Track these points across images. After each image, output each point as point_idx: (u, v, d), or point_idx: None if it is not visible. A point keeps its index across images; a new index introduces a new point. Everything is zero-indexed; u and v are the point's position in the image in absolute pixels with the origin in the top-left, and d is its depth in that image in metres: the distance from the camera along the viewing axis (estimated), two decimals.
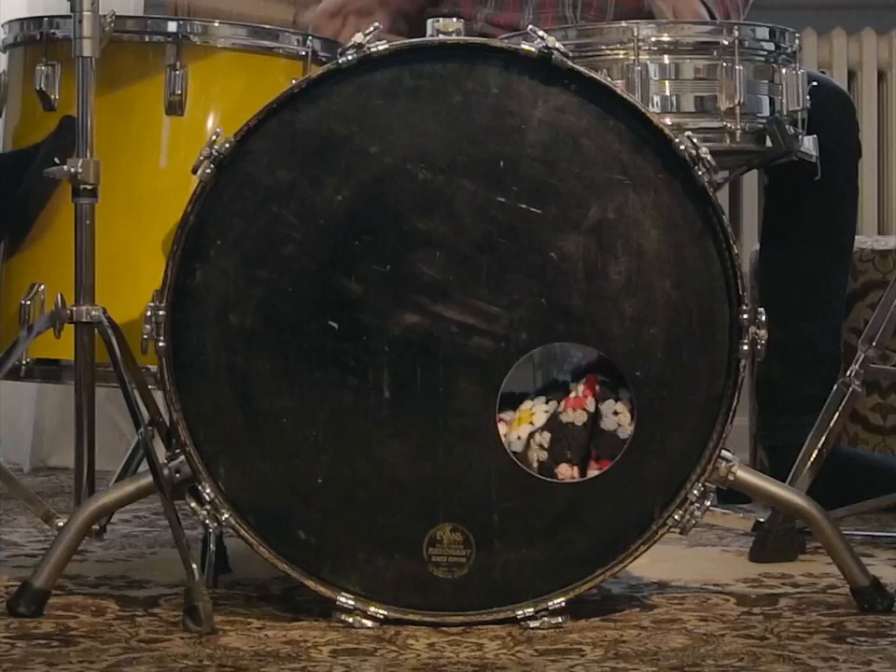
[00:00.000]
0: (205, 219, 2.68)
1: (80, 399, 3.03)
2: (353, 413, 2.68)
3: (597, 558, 2.69)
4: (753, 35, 3.09)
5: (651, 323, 2.71)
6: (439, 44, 2.72)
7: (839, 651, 2.47)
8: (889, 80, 4.58)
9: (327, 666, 2.38)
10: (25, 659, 2.40)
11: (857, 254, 3.82)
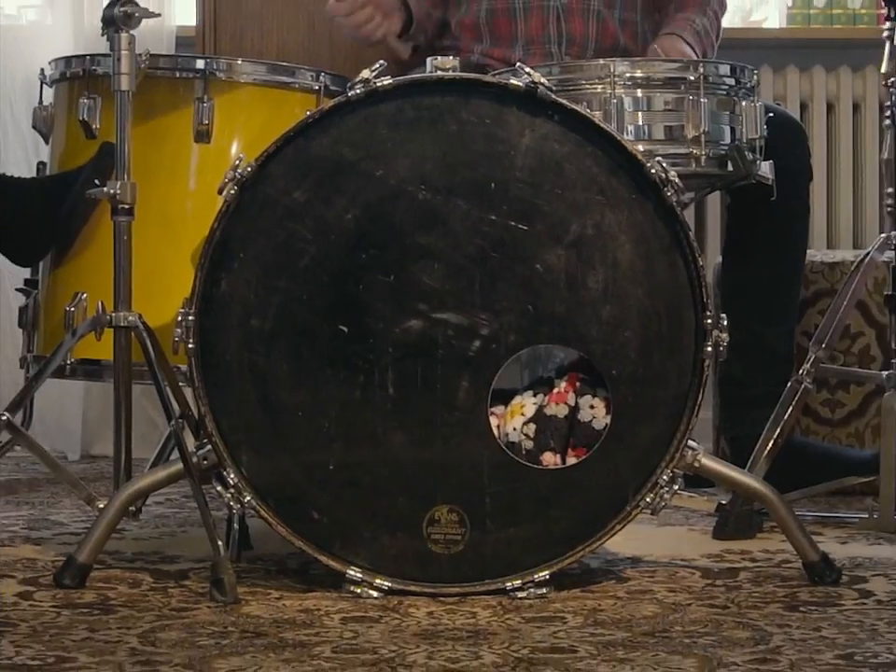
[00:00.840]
0: (230, 235, 2.68)
1: (119, 395, 3.03)
2: (360, 407, 2.68)
3: (578, 536, 2.69)
4: (716, 72, 3.08)
5: (625, 327, 2.71)
6: (437, 79, 2.71)
7: (792, 619, 2.48)
8: (837, 112, 4.58)
9: (337, 632, 2.39)
10: (69, 626, 2.41)
11: (808, 266, 3.81)
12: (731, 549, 3.06)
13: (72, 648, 2.27)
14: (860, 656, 2.22)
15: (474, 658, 2.22)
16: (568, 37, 3.64)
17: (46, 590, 2.67)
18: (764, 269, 3.59)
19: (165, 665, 2.16)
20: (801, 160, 3.57)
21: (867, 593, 2.66)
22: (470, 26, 3.69)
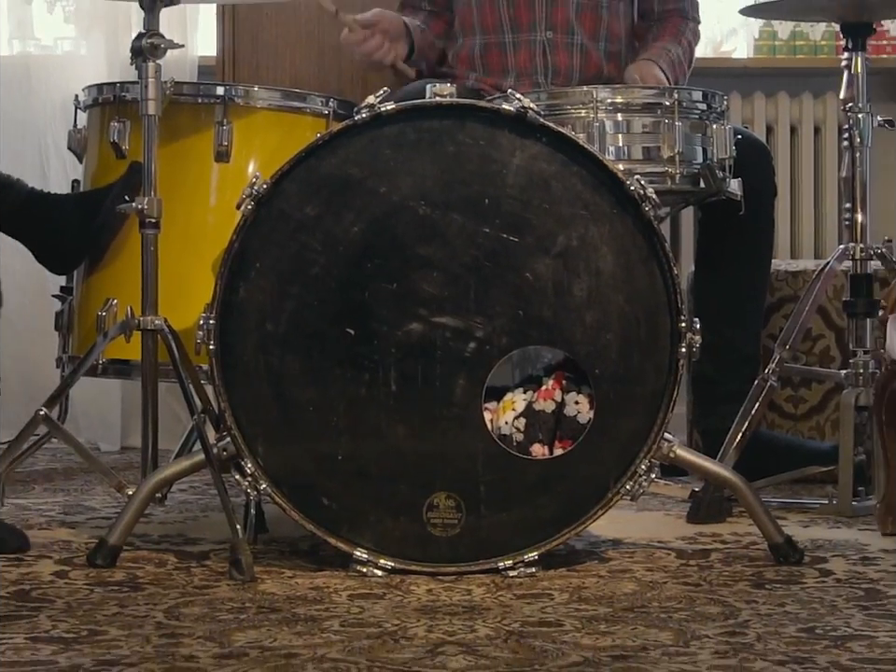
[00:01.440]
0: (247, 246, 2.68)
1: (146, 393, 3.03)
2: (366, 403, 2.68)
3: (564, 520, 2.69)
4: (689, 98, 3.08)
5: (607, 330, 2.71)
6: (435, 104, 2.71)
7: (759, 595, 2.48)
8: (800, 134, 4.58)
9: (345, 608, 2.39)
10: (102, 602, 2.42)
11: (773, 274, 3.81)
12: (703, 532, 3.05)
13: (103, 622, 2.27)
14: (820, 630, 2.23)
15: (469, 631, 2.22)
16: (554, 69, 3.64)
17: (80, 569, 2.67)
18: (733, 277, 3.58)
19: (188, 638, 2.17)
20: (766, 178, 3.56)
21: (827, 572, 2.66)
22: (466, 58, 3.69)
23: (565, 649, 2.12)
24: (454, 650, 2.11)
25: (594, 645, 2.14)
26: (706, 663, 2.03)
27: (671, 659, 2.05)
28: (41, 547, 2.85)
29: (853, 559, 2.78)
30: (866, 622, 2.28)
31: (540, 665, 2.02)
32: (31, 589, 2.51)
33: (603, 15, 3.71)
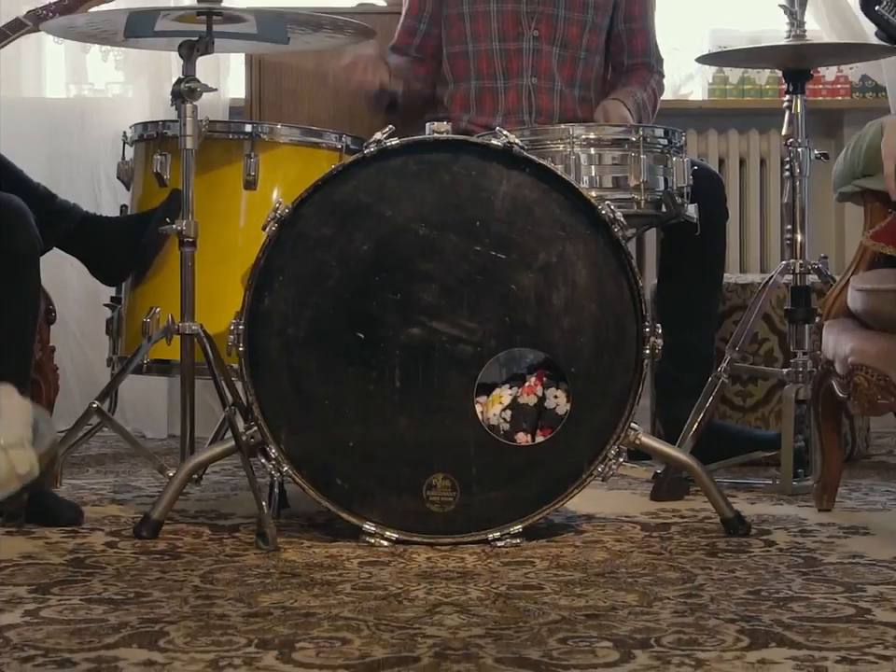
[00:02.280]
0: (271, 262, 2.67)
1: (184, 388, 3.03)
2: (374, 397, 2.68)
3: (544, 498, 2.69)
4: (653, 134, 3.08)
5: (581, 334, 2.71)
6: (434, 140, 2.71)
7: (712, 563, 2.48)
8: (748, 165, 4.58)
9: (356, 573, 2.40)
10: (146, 568, 2.42)
11: (725, 286, 3.81)
12: (664, 508, 3.05)
13: (147, 585, 2.28)
14: (765, 592, 2.23)
15: (463, 594, 2.23)
16: (537, 110, 3.64)
17: (127, 540, 2.67)
18: (690, 288, 3.58)
19: (221, 599, 2.17)
20: (719, 203, 3.56)
21: (771, 542, 2.66)
22: (461, 100, 3.68)
23: (545, 609, 2.12)
24: (449, 609, 2.12)
25: (570, 605, 2.14)
26: (666, 620, 2.04)
27: (636, 617, 2.06)
28: (94, 521, 2.85)
29: (793, 531, 2.78)
30: (805, 585, 2.29)
31: (524, 623, 2.03)
32: (85, 557, 2.51)
33: (579, 66, 3.70)
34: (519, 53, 3.67)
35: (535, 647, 1.89)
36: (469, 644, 1.90)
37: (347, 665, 1.80)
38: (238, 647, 1.89)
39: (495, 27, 3.67)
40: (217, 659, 1.83)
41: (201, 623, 2.02)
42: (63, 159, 4.31)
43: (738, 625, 2.01)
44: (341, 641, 1.92)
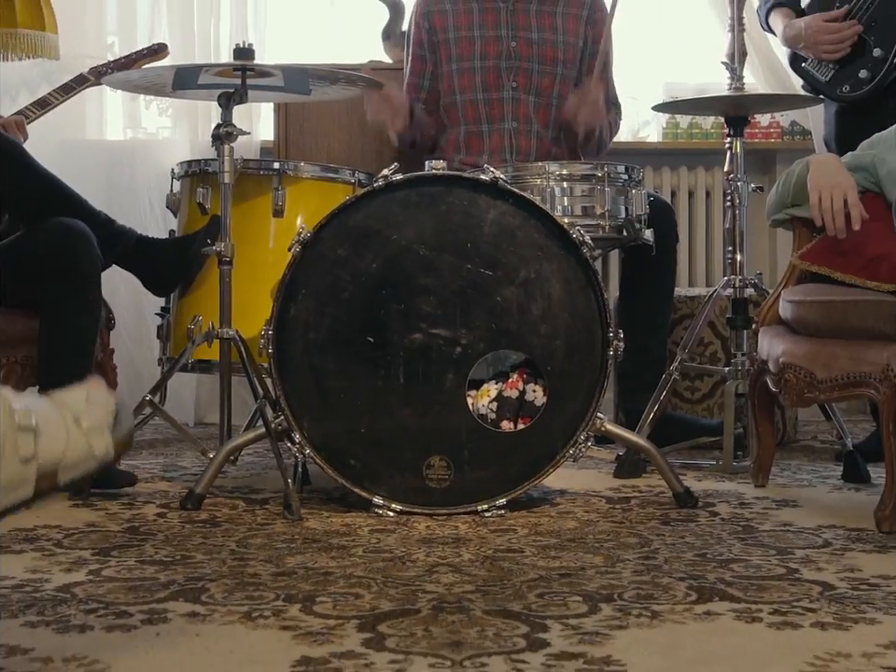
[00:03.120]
0: (296, 278, 2.68)
1: (223, 383, 3.02)
2: (382, 391, 2.68)
3: (525, 475, 2.69)
4: (615, 170, 3.07)
5: (556, 338, 2.71)
6: (432, 175, 2.72)
7: (665, 530, 2.49)
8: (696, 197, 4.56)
9: (366, 539, 2.41)
10: (190, 535, 2.43)
11: (676, 298, 3.81)
12: (625, 484, 3.05)
13: (191, 549, 2.29)
14: (710, 555, 2.24)
15: (456, 556, 2.24)
16: (517, 149, 3.64)
17: (174, 511, 2.67)
18: (647, 300, 3.57)
19: (253, 561, 2.18)
20: (670, 229, 3.56)
21: (715, 513, 2.67)
22: (453, 143, 3.68)
23: (525, 569, 2.13)
24: (445, 569, 2.13)
25: (546, 566, 2.15)
26: (626, 578, 2.06)
27: (602, 576, 2.07)
28: (146, 495, 2.86)
29: (734, 504, 2.78)
30: (743, 549, 2.30)
31: (508, 581, 2.03)
32: (139, 526, 2.52)
33: (552, 111, 3.70)
34: (501, 102, 3.67)
35: (517, 601, 1.90)
36: (461, 598, 1.91)
37: (359, 616, 1.81)
38: (268, 601, 1.90)
39: (479, 80, 3.67)
40: (251, 611, 1.84)
41: (236, 581, 2.03)
42: (120, 190, 4.30)
43: (687, 583, 2.02)
44: (354, 596, 1.93)
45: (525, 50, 3.67)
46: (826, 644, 1.67)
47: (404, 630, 1.73)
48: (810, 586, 2.01)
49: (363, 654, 1.62)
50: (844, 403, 3.25)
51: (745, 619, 1.81)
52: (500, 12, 3.67)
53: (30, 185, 2.92)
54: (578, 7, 3.71)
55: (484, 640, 1.68)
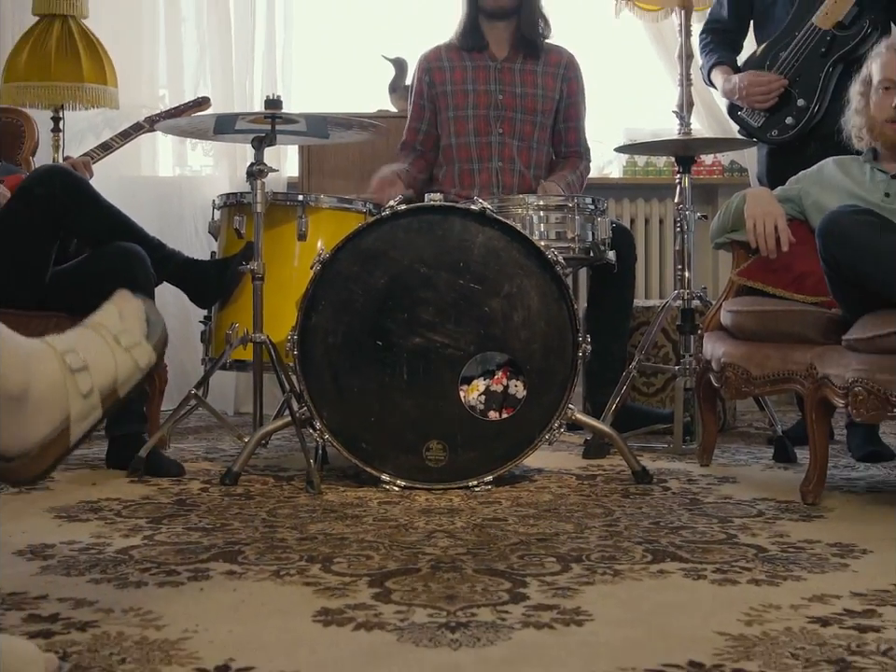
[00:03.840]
0: (316, 292, 2.68)
1: (256, 379, 3.04)
2: (388, 386, 2.67)
3: (508, 457, 2.68)
4: (584, 201, 3.07)
5: (534, 342, 2.71)
6: (431, 206, 2.71)
7: (625, 502, 2.49)
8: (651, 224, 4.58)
9: (375, 509, 2.41)
10: (228, 506, 2.43)
11: (634, 308, 3.79)
12: (592, 464, 3.04)
13: (229, 518, 2.29)
14: (663, 523, 2.24)
15: (451, 524, 2.24)
16: (503, 184, 3.64)
17: (215, 486, 2.67)
18: (610, 310, 3.56)
19: (281, 528, 2.18)
20: (630, 250, 3.55)
21: (667, 488, 2.67)
22: (449, 178, 3.68)
23: (508, 534, 2.13)
24: (441, 535, 2.13)
25: (526, 532, 2.15)
26: (593, 542, 2.06)
27: (572, 540, 2.07)
28: (192, 473, 2.85)
29: (683, 480, 2.78)
30: (691, 518, 2.30)
31: (493, 545, 2.04)
32: (186, 499, 2.52)
33: (532, 153, 3.71)
34: (489, 145, 3.68)
35: (501, 561, 1.90)
36: (455, 559, 1.92)
37: (370, 574, 1.81)
38: (293, 562, 1.90)
39: (471, 127, 3.68)
40: (279, 570, 1.84)
41: (267, 545, 2.03)
42: (169, 219, 4.31)
43: (644, 546, 2.03)
44: (365, 557, 1.93)
45: (511, 102, 3.68)
46: (760, 597, 1.68)
47: (407, 586, 1.74)
48: (746, 549, 2.01)
49: (373, 606, 1.62)
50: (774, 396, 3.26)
51: (692, 576, 1.81)
52: (490, 70, 3.68)
53: (95, 215, 2.92)
54: (555, 67, 3.72)
55: (474, 594, 1.68)
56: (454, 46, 3.73)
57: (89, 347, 1.42)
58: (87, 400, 1.39)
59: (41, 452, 1.34)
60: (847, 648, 1.44)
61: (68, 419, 1.37)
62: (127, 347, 1.45)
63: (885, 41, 2.90)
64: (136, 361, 1.45)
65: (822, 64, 3.35)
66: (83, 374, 1.39)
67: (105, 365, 1.42)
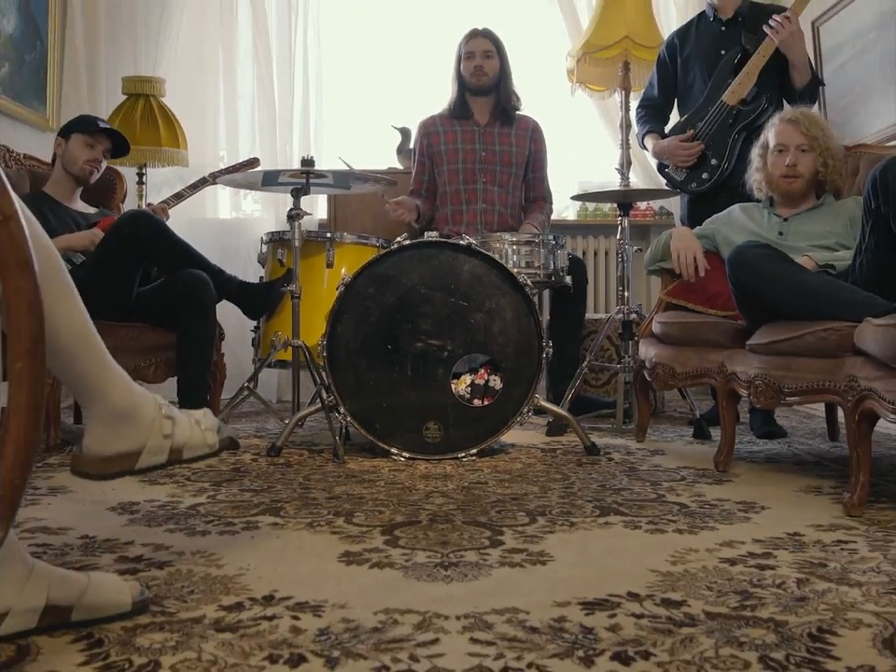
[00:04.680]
0: (340, 307, 2.67)
1: (294, 375, 3.01)
2: (396, 380, 2.66)
3: (488, 434, 2.68)
4: (547, 238, 3.07)
5: (509, 346, 2.71)
6: (429, 241, 2.71)
7: (579, 469, 2.48)
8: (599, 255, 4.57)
9: (387, 475, 2.40)
10: (272, 473, 2.42)
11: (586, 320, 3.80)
12: (553, 440, 3.04)
13: (274, 482, 2.28)
14: (608, 486, 2.24)
15: (444, 486, 2.23)
16: (486, 223, 3.63)
17: (263, 458, 2.66)
18: (567, 321, 3.56)
19: (314, 489, 2.18)
20: (582, 276, 3.55)
21: (611, 459, 2.66)
22: (443, 219, 3.68)
23: (488, 494, 2.13)
24: (437, 495, 2.12)
25: (502, 492, 2.15)
26: (554, 501, 2.05)
27: (538, 499, 2.07)
28: (245, 448, 2.84)
29: (623, 453, 2.78)
30: (630, 481, 2.30)
31: (478, 502, 2.03)
32: (240, 467, 2.51)
33: (509, 198, 3.70)
34: (475, 191, 3.68)
35: (483, 515, 1.90)
36: (448, 513, 1.91)
37: (382, 525, 1.81)
38: (323, 515, 1.90)
39: (461, 177, 3.68)
40: (312, 522, 1.84)
41: (302, 502, 2.03)
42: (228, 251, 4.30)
43: (593, 504, 2.03)
44: (378, 512, 1.93)
45: (491, 158, 3.69)
46: (682, 543, 1.69)
47: (410, 534, 1.73)
48: (672, 506, 2.02)
49: (384, 549, 1.62)
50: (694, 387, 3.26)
51: (630, 527, 1.82)
52: (475, 133, 3.70)
53: (170, 249, 2.93)
54: (524, 131, 3.73)
55: (462, 541, 1.68)
56: (446, 115, 3.74)
57: (178, 414, 1.46)
58: (163, 441, 1.41)
59: (110, 462, 1.36)
60: (749, 582, 1.44)
61: (143, 448, 1.38)
62: (203, 429, 1.49)
63: (778, 115, 2.91)
64: (206, 439, 1.49)
65: (730, 132, 3.36)
66: (169, 422, 1.42)
67: (185, 427, 1.46)
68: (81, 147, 3.10)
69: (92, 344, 1.30)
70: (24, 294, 0.80)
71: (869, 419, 1.93)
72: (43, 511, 1.93)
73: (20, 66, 3.87)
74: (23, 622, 1.15)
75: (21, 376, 0.81)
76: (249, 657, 1.12)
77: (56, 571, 1.20)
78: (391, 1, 4.69)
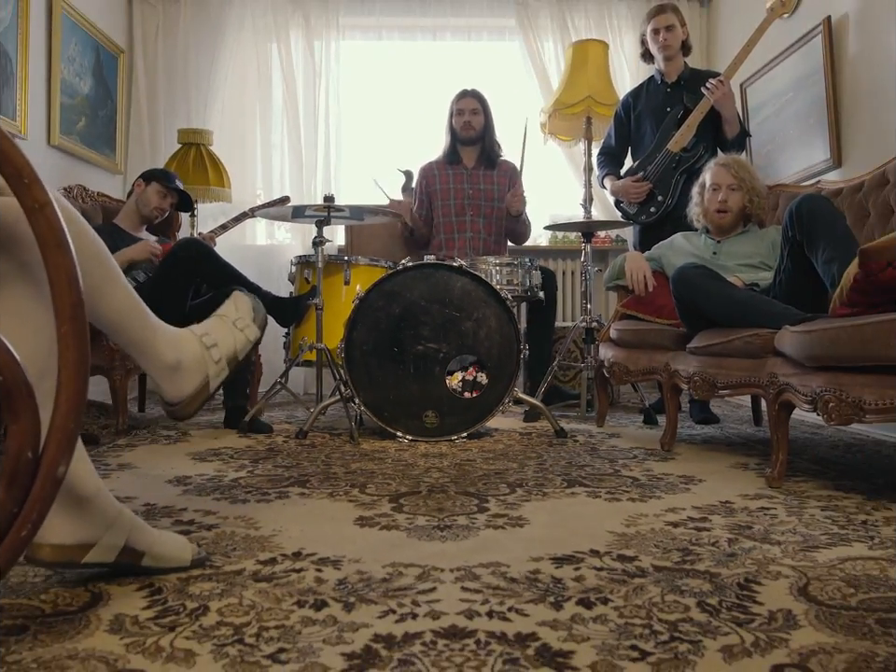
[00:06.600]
0: (355, 318, 2.67)
1: (318, 372, 2.99)
2: (401, 377, 2.66)
3: (477, 420, 2.67)
4: (524, 261, 3.09)
5: (493, 349, 2.71)
6: (427, 263, 2.71)
7: (550, 449, 2.47)
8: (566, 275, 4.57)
9: (394, 454, 2.39)
10: (300, 452, 2.41)
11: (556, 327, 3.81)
12: (529, 426, 3.04)
13: (301, 459, 2.27)
14: (574, 463, 2.23)
15: (440, 463, 2.22)
16: (474, 249, 3.64)
17: (292, 440, 2.65)
18: (541, 328, 3.56)
19: (334, 465, 2.17)
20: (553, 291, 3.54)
21: (577, 440, 2.66)
22: (437, 245, 3.68)
23: (476, 470, 2.12)
24: (434, 470, 2.12)
25: (488, 468, 2.14)
26: (530, 475, 2.05)
27: (517, 474, 2.07)
28: (278, 431, 2.84)
29: (586, 436, 2.78)
30: (591, 459, 2.30)
31: (467, 476, 2.03)
32: (273, 447, 2.50)
33: (493, 227, 3.70)
34: (464, 222, 3.68)
35: (472, 486, 1.90)
36: (443, 485, 1.91)
37: (389, 495, 1.80)
38: (341, 487, 1.89)
39: (452, 211, 3.68)
40: (332, 492, 1.83)
41: (324, 477, 2.02)
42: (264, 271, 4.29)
43: (562, 477, 2.03)
44: (386, 484, 1.92)
45: (477, 195, 3.69)
46: (634, 509, 1.69)
47: (412, 502, 1.73)
48: (626, 479, 2.02)
49: (391, 514, 1.62)
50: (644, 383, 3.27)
51: (592, 496, 1.82)
52: (464, 175, 3.70)
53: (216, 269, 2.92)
54: (505, 172, 3.74)
55: (455, 508, 1.68)
56: (441, 161, 3.74)
57: (217, 330, 1.41)
58: (218, 365, 1.38)
59: (192, 400, 1.34)
60: (689, 541, 1.45)
61: (207, 377, 1.36)
62: (241, 328, 1.45)
63: (713, 160, 2.92)
64: (247, 337, 1.45)
65: (674, 174, 3.37)
66: (215, 349, 1.38)
67: (228, 341, 1.41)
68: (156, 195, 3.14)
69: (136, 315, 1.26)
70: (63, 268, 0.81)
71: (787, 408, 1.94)
72: (113, 483, 1.92)
73: (94, 120, 3.92)
74: (104, 554, 1.15)
75: (67, 337, 0.81)
76: (281, 602, 1.12)
77: (137, 520, 1.21)
78: (397, 68, 4.71)
